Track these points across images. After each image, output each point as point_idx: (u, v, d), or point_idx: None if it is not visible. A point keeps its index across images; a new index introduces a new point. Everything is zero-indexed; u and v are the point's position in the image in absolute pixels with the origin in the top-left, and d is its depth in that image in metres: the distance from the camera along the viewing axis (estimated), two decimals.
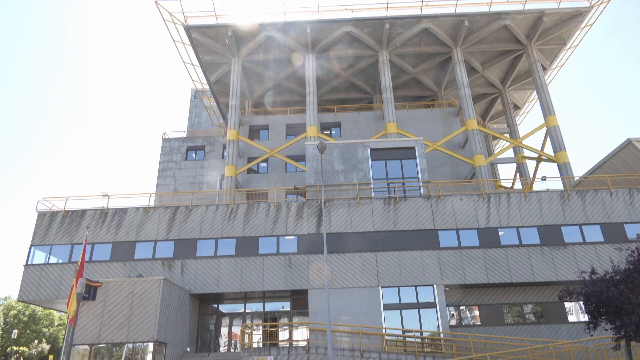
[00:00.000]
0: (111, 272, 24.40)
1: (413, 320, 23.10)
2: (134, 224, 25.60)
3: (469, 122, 34.43)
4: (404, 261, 24.13)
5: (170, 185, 39.16)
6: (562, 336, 23.61)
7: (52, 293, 24.03)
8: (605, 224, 24.68)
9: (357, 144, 27.71)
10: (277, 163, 37.98)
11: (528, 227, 24.77)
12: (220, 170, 39.27)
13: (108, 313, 20.32)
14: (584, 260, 23.81)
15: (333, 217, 25.26)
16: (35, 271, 24.54)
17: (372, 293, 23.57)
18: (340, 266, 24.11)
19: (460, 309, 25.05)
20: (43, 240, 25.31)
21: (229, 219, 25.57)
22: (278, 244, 24.91)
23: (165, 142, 41.16)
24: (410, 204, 25.47)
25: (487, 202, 25.48)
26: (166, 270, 24.38)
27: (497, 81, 42.06)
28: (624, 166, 27.75)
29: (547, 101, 35.74)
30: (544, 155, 35.32)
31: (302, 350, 20.53)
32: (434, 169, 36.50)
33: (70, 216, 25.94)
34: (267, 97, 43.02)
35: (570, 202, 25.32)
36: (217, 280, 24.18)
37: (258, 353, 20.52)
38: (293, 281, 23.98)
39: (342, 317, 23.03)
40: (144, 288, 20.79)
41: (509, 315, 24.64)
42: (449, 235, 24.72)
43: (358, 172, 26.85)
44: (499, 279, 23.62)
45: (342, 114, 39.83)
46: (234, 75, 36.89)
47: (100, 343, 19.90)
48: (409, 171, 26.92)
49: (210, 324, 26.30)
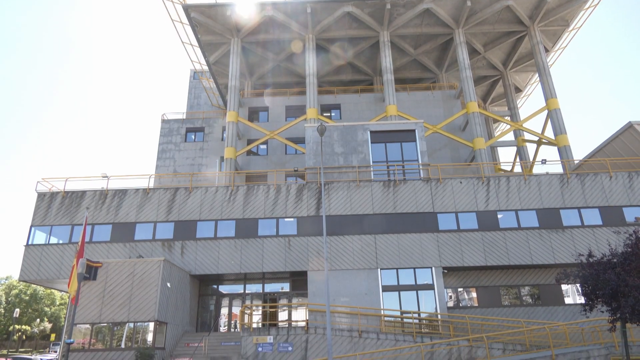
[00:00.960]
0: (111, 252, 24.53)
1: (411, 301, 23.35)
2: (133, 205, 25.63)
3: (470, 104, 34.20)
4: (403, 244, 24.25)
5: (170, 167, 39.09)
6: (558, 318, 23.91)
7: (53, 273, 24.21)
8: (604, 207, 24.74)
9: (357, 127, 27.56)
10: (276, 145, 37.84)
11: (527, 210, 24.83)
12: (219, 152, 39.15)
13: (109, 293, 20.50)
14: (581, 244, 23.95)
15: (332, 199, 25.29)
16: (35, 251, 24.66)
17: (370, 275, 23.76)
18: (340, 248, 24.24)
19: (458, 290, 25.29)
20: (43, 221, 25.37)
21: (228, 201, 25.60)
22: (278, 226, 24.99)
23: (164, 123, 40.93)
24: (409, 187, 25.48)
25: (486, 185, 25.49)
26: (166, 252, 24.51)
27: (499, 63, 41.64)
28: (625, 149, 27.68)
29: (549, 84, 35.44)
30: (544, 138, 35.20)
31: (301, 331, 20.78)
32: (434, 152, 36.40)
33: (69, 197, 25.94)
34: (267, 78, 42.62)
35: (570, 185, 25.33)
36: (217, 261, 24.33)
37: (258, 333, 20.78)
38: (292, 263, 24.14)
39: (341, 299, 23.25)
40: (145, 269, 20.92)
41: (506, 297, 24.90)
42: (448, 218, 24.80)
43: (358, 154, 26.78)
44: (497, 262, 23.79)
45: (342, 96, 39.52)
46: (233, 56, 36.45)
47: (102, 322, 20.13)
48: (409, 154, 26.85)
49: (210, 305, 26.57)
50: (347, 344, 20.28)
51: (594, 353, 17.43)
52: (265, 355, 20.23)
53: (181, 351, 21.48)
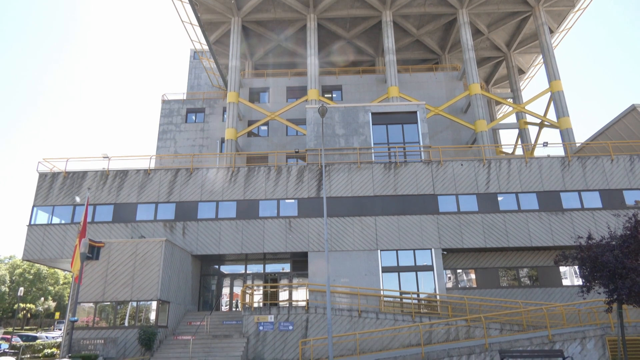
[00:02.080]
0: (113, 233, 24.72)
1: (410, 282, 23.61)
2: (135, 186, 25.72)
3: (472, 86, 33.94)
4: (403, 225, 24.39)
5: (171, 148, 39.05)
6: (555, 299, 24.20)
7: (56, 252, 24.44)
8: (604, 190, 24.77)
9: (358, 108, 27.42)
10: (277, 126, 37.71)
11: (527, 192, 24.88)
12: (220, 133, 39.05)
13: (112, 272, 20.73)
14: (581, 226, 24.06)
15: (333, 181, 25.33)
16: (38, 231, 24.85)
17: (370, 256, 23.96)
18: (340, 229, 24.40)
19: (457, 272, 25.53)
20: (45, 201, 25.50)
21: (229, 182, 25.66)
22: (278, 207, 25.10)
23: (164, 104, 40.72)
24: (410, 169, 25.49)
25: (487, 167, 25.48)
26: (168, 232, 24.69)
27: (503, 44, 41.14)
28: (627, 132, 27.56)
29: (553, 65, 35.08)
30: (546, 120, 35.02)
31: (302, 310, 21.08)
32: (435, 134, 36.29)
33: (71, 177, 26.01)
34: (268, 59, 42.20)
35: (571, 168, 25.32)
36: (218, 242, 24.52)
37: (259, 312, 21.07)
38: (293, 244, 24.33)
39: (341, 279, 23.51)
40: (147, 249, 21.12)
41: (505, 279, 25.15)
42: (449, 201, 24.87)
43: (359, 136, 26.71)
44: (496, 244, 23.96)
45: (344, 77, 39.21)
46: (233, 35, 36.04)
47: (105, 301, 20.41)
48: (410, 136, 26.77)
49: (212, 284, 26.89)
50: (347, 323, 20.59)
51: (590, 333, 17.70)
52: (266, 334, 20.56)
53: (184, 329, 21.83)
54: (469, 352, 17.37)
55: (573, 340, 17.55)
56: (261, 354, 20.27)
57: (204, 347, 19.91)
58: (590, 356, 17.44)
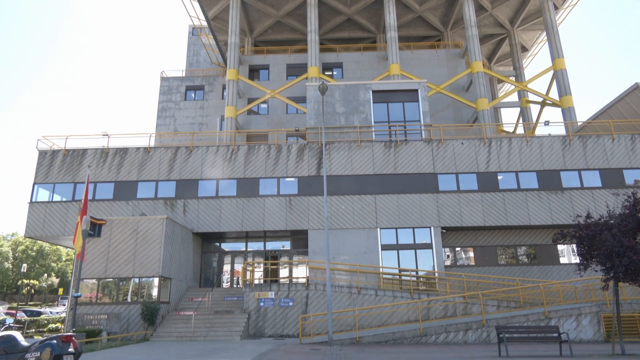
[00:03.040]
0: (115, 210, 24.84)
1: (409, 260, 23.85)
2: (135, 164, 25.72)
3: (475, 64, 33.56)
4: (402, 204, 24.49)
5: (170, 126, 38.87)
6: (553, 277, 24.49)
7: (58, 230, 24.62)
8: (604, 169, 24.78)
9: (359, 86, 27.19)
10: (277, 104, 37.45)
11: (527, 171, 24.90)
12: (220, 111, 38.81)
13: (113, 249, 20.93)
14: (580, 205, 24.17)
15: (333, 159, 25.32)
16: (40, 208, 24.97)
17: (370, 234, 24.14)
18: (340, 208, 24.51)
19: (455, 250, 25.77)
20: (45, 179, 25.54)
21: (229, 160, 25.65)
22: (279, 185, 25.16)
23: (163, 81, 40.35)
24: (411, 148, 25.44)
25: (488, 146, 25.43)
26: (168, 210, 24.81)
27: (506, 21, 40.49)
28: (629, 111, 27.39)
29: (556, 43, 34.62)
30: (548, 99, 34.76)
31: (302, 287, 21.37)
32: (436, 112, 36.06)
33: (71, 155, 25.99)
34: (267, 35, 41.59)
35: (572, 147, 25.27)
36: (219, 219, 24.67)
37: (259, 289, 21.37)
38: (293, 222, 24.48)
39: (340, 257, 23.75)
40: (148, 226, 21.26)
41: (503, 257, 25.41)
42: (449, 179, 24.92)
43: (359, 114, 26.56)
44: (495, 222, 24.10)
45: (345, 54, 38.71)
46: (232, 10, 35.44)
47: (107, 277, 20.68)
48: (411, 114, 26.63)
49: (213, 262, 27.18)
50: (347, 300, 20.90)
51: (586, 310, 17.98)
52: (266, 310, 20.89)
53: (185, 305, 22.17)
54: (466, 327, 17.69)
55: (569, 317, 17.85)
56: (262, 329, 20.63)
57: (206, 322, 20.26)
58: (585, 332, 17.76)
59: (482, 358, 12.60)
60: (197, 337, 19.13)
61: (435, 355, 13.29)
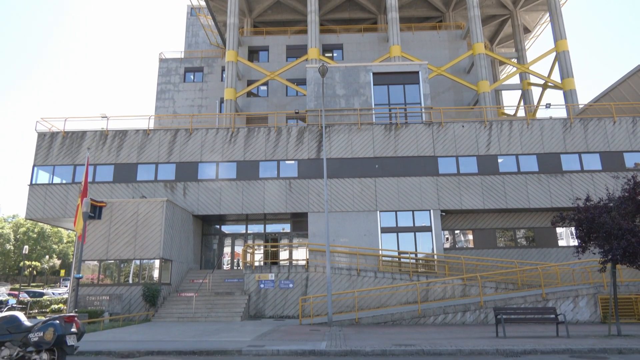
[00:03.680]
0: (115, 193, 24.87)
1: (409, 242, 23.99)
2: (134, 146, 25.65)
3: (476, 45, 33.18)
4: (402, 187, 24.51)
5: (169, 108, 38.63)
6: (551, 259, 24.67)
7: (58, 212, 24.68)
8: (605, 152, 24.74)
9: (359, 68, 26.93)
10: (277, 86, 37.16)
11: (527, 154, 24.86)
12: (219, 93, 38.52)
13: (114, 232, 21.03)
14: (580, 188, 24.20)
15: (333, 142, 25.24)
16: (40, 191, 25.00)
17: (370, 217, 24.22)
18: (340, 191, 24.54)
19: (455, 232, 25.89)
20: (45, 161, 25.50)
21: (229, 142, 25.57)
22: (278, 168, 25.14)
23: (162, 62, 39.94)
24: (411, 130, 25.34)
25: (488, 129, 25.33)
26: (169, 192, 24.84)
27: (509, 1, 39.88)
28: (632, 94, 27.20)
29: (559, 24, 34.18)
30: (550, 81, 34.49)
31: (302, 269, 21.54)
32: (437, 95, 35.82)
33: (70, 137, 25.90)
34: (267, 16, 40.99)
35: (572, 130, 25.17)
36: (219, 202, 24.72)
37: (260, 271, 21.54)
38: (293, 204, 24.53)
39: (340, 239, 23.87)
40: (148, 209, 21.32)
41: (502, 240, 25.55)
42: (449, 162, 24.89)
43: (360, 96, 26.38)
44: (495, 205, 24.16)
45: (345, 35, 38.25)
46: None
47: (109, 259, 20.82)
48: (412, 97, 26.44)
49: (214, 244, 27.33)
50: (346, 282, 21.09)
51: (583, 292, 18.16)
52: (267, 291, 21.10)
53: (186, 287, 22.38)
54: (464, 309, 17.89)
55: (566, 299, 18.04)
56: (262, 310, 20.87)
57: (207, 303, 20.48)
58: (582, 313, 17.97)
59: (480, 339, 12.77)
60: (198, 318, 19.35)
61: (433, 336, 13.48)
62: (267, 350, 10.87)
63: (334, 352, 10.69)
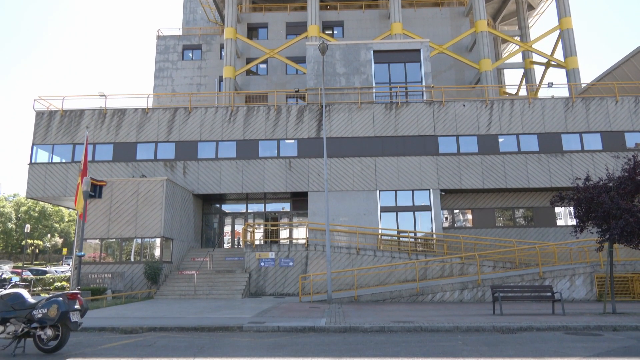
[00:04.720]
0: (114, 172, 24.88)
1: (408, 222, 24.13)
2: (133, 125, 25.54)
3: (479, 22, 32.68)
4: (402, 166, 24.51)
5: (168, 87, 38.28)
6: (549, 238, 24.85)
7: (59, 191, 24.74)
8: (606, 132, 24.65)
9: (360, 45, 26.59)
10: (276, 64, 36.75)
11: (528, 134, 24.77)
12: (218, 71, 38.11)
13: (115, 211, 21.12)
14: (580, 168, 24.20)
15: (333, 121, 25.12)
16: (40, 170, 25.00)
17: (369, 196, 24.29)
18: (340, 170, 24.54)
19: (454, 212, 26.01)
20: (44, 140, 25.43)
21: (229, 121, 25.45)
22: (278, 147, 25.09)
23: (160, 40, 39.39)
24: (412, 110, 25.19)
25: (489, 108, 25.17)
26: (168, 171, 24.85)
27: None
28: (635, 73, 26.94)
29: (564, 0, 33.58)
30: (553, 60, 34.09)
31: (302, 247, 21.73)
32: (439, 74, 35.45)
33: (69, 116, 25.75)
34: None
35: (574, 109, 25.02)
36: (219, 181, 24.75)
37: (260, 249, 21.73)
38: (293, 184, 24.57)
39: (340, 218, 23.99)
40: (148, 188, 21.36)
41: (501, 219, 25.68)
42: (449, 142, 24.82)
43: (360, 75, 26.12)
44: (495, 185, 24.20)
45: (346, 12, 37.62)
46: None
47: (110, 238, 20.97)
48: (413, 75, 26.18)
49: (214, 222, 27.49)
50: (345, 260, 21.30)
51: (579, 270, 18.36)
52: (267, 270, 21.33)
53: (188, 265, 22.61)
54: (461, 287, 18.11)
55: (563, 277, 18.25)
56: (263, 288, 21.14)
57: (208, 281, 20.73)
58: (578, 292, 18.21)
59: (477, 316, 12.97)
60: (200, 296, 19.62)
61: (431, 313, 13.68)
62: (267, 326, 11.06)
63: (333, 329, 10.88)
